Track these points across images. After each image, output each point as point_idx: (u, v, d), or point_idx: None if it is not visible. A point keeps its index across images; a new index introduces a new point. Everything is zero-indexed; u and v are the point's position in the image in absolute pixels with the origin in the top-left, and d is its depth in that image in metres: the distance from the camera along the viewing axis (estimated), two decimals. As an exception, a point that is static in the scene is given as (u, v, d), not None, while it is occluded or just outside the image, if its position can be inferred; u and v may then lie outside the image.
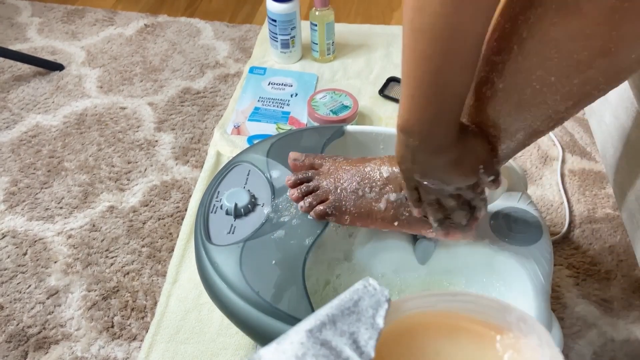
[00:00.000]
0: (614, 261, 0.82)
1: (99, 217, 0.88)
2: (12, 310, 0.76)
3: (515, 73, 0.44)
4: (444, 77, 0.44)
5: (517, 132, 0.50)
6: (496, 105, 0.48)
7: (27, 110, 1.08)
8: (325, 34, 1.15)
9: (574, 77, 0.43)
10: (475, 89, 0.50)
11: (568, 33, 0.40)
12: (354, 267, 0.69)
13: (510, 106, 0.48)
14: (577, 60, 0.41)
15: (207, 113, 1.07)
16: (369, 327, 0.35)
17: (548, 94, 0.45)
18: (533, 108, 0.47)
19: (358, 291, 0.37)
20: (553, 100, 0.45)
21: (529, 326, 0.38)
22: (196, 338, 0.73)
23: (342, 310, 0.35)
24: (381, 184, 0.61)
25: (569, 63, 0.41)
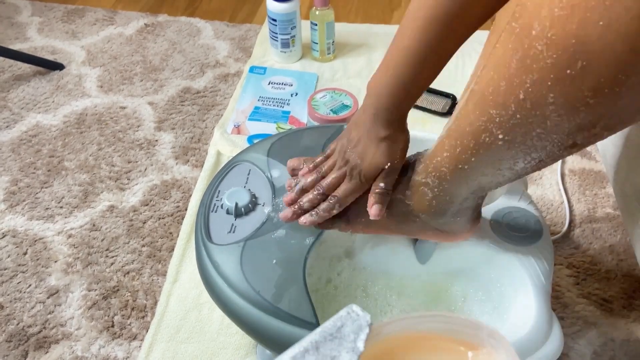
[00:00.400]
0: (614, 261, 0.82)
1: (99, 217, 0.88)
2: (13, 310, 0.76)
3: (514, 127, 0.43)
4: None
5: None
6: (492, 152, 0.47)
7: (27, 110, 1.08)
8: (326, 33, 1.15)
9: (576, 135, 0.42)
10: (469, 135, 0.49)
11: (568, 102, 0.39)
12: (355, 265, 0.69)
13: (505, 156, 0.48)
14: (578, 124, 0.40)
15: (207, 112, 1.07)
16: (350, 350, 0.36)
17: (547, 147, 0.44)
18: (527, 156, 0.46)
19: (342, 318, 0.39)
20: (547, 152, 0.44)
21: (497, 341, 0.40)
22: (196, 337, 0.73)
23: (325, 336, 0.38)
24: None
25: (570, 125, 0.40)
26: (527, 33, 0.38)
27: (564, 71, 0.36)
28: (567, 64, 0.36)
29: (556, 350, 0.56)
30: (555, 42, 0.36)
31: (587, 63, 0.35)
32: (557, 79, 0.37)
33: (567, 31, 0.35)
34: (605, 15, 0.33)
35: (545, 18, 0.36)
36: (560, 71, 0.37)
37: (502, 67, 0.41)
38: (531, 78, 0.39)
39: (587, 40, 0.35)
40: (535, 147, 0.43)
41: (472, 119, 0.46)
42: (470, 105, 0.46)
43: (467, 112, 0.47)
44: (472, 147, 0.47)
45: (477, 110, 0.45)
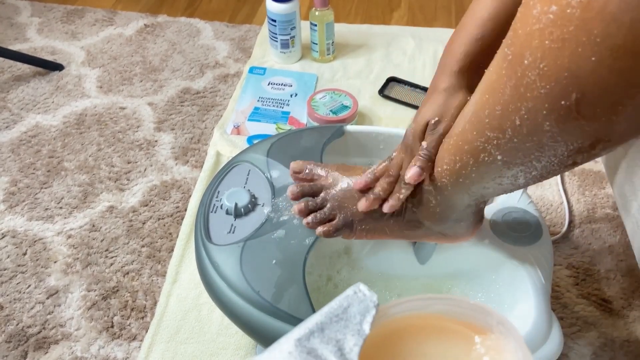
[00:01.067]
0: (614, 261, 0.82)
1: (98, 217, 0.88)
2: (12, 310, 0.76)
3: (512, 150, 0.43)
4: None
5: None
6: (492, 170, 0.47)
7: (27, 110, 1.08)
8: (325, 34, 1.15)
9: (575, 157, 0.41)
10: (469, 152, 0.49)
11: (564, 131, 0.38)
12: (355, 264, 0.69)
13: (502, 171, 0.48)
14: (577, 148, 0.40)
15: (206, 113, 1.07)
16: (355, 333, 0.35)
17: (546, 166, 0.43)
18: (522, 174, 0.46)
19: (348, 297, 0.38)
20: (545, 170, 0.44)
21: (507, 329, 0.39)
22: (196, 338, 0.73)
23: (331, 317, 0.36)
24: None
25: (568, 148, 0.40)
26: (520, 61, 0.37)
27: (558, 102, 0.36)
28: (561, 95, 0.35)
29: (556, 351, 0.56)
30: (548, 74, 0.35)
31: (582, 95, 0.35)
32: (552, 108, 0.37)
33: (559, 64, 0.35)
34: (596, 50, 0.33)
35: (536, 49, 0.36)
36: (554, 101, 0.36)
37: (497, 92, 0.41)
38: (526, 106, 0.38)
39: (580, 74, 0.34)
40: (535, 166, 0.43)
41: (470, 139, 0.46)
42: (467, 125, 0.46)
43: (464, 131, 0.47)
44: (471, 164, 0.47)
45: (474, 130, 0.45)
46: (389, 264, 0.68)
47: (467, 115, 0.46)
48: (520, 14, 0.38)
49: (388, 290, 0.68)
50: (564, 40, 0.34)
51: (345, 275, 0.68)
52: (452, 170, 0.50)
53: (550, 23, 0.34)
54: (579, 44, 0.33)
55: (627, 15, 0.31)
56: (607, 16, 0.32)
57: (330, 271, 0.68)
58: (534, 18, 0.35)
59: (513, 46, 0.38)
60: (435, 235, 0.59)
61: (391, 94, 1.12)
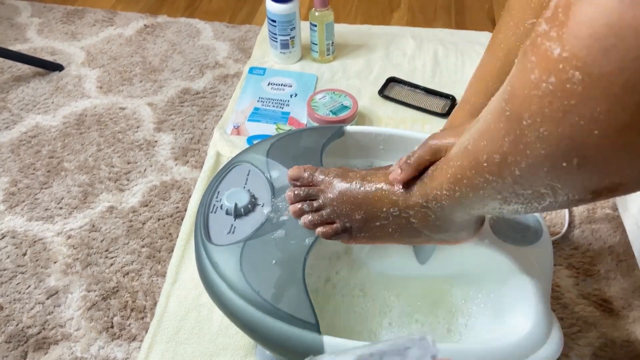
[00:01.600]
0: (614, 261, 0.82)
1: (98, 218, 0.88)
2: (12, 311, 0.76)
3: (512, 194, 0.42)
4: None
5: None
6: (492, 204, 0.46)
7: (27, 111, 1.08)
8: (325, 34, 1.15)
9: (578, 203, 0.41)
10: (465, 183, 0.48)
11: (566, 186, 0.38)
12: (354, 264, 0.69)
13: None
14: (578, 200, 0.39)
15: (206, 113, 1.07)
16: None
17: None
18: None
19: (413, 340, 0.42)
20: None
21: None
22: (196, 338, 0.73)
23: (392, 350, 0.41)
24: (383, 210, 0.58)
25: (570, 199, 0.39)
26: (518, 120, 0.36)
27: (560, 163, 0.35)
28: (562, 158, 0.35)
29: (556, 351, 0.56)
30: (548, 139, 0.34)
31: (584, 160, 0.34)
32: (553, 167, 0.36)
33: (560, 132, 0.33)
34: (600, 126, 0.32)
35: (535, 113, 0.34)
36: (555, 162, 0.35)
37: (495, 142, 0.40)
38: (526, 161, 0.37)
39: (582, 144, 0.33)
40: (536, 207, 0.42)
41: (469, 176, 0.45)
42: (466, 162, 0.45)
43: (463, 167, 0.46)
44: (471, 197, 0.46)
45: (472, 170, 0.44)
46: (388, 264, 0.68)
47: (465, 152, 0.45)
48: (517, 71, 0.36)
49: (387, 289, 0.68)
50: (564, 111, 0.33)
51: (344, 275, 0.68)
52: (451, 196, 0.49)
53: (549, 93, 0.33)
54: (581, 117, 0.32)
55: (632, 97, 0.30)
56: (612, 97, 0.31)
57: (330, 272, 0.68)
58: (532, 83, 0.34)
59: (511, 103, 0.37)
60: (436, 241, 0.60)
61: (391, 94, 1.12)
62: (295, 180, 0.63)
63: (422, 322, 0.65)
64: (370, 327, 0.65)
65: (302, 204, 0.61)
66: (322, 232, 0.59)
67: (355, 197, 0.59)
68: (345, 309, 0.66)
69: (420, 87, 1.12)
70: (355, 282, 0.68)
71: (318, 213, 0.60)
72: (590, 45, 0.31)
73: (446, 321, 0.65)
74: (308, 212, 0.60)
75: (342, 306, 0.66)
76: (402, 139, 0.73)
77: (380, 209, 0.57)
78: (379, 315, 0.66)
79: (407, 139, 0.73)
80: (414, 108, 1.09)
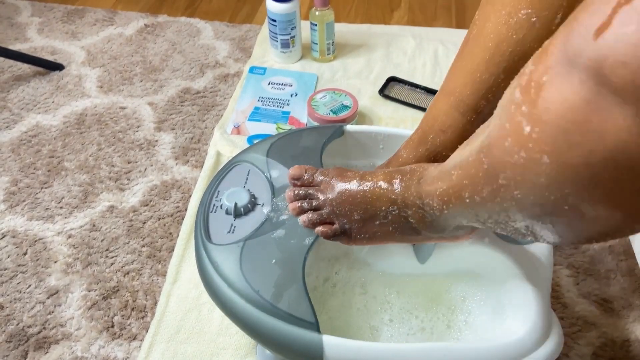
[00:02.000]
0: (614, 261, 0.82)
1: (99, 217, 0.88)
2: (12, 310, 0.76)
3: (489, 220, 0.43)
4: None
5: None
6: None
7: (27, 110, 1.08)
8: (325, 33, 1.15)
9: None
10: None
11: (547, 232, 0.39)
12: (354, 264, 0.69)
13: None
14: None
15: (207, 113, 1.07)
16: None
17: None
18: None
19: None
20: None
21: None
22: (196, 338, 0.73)
23: None
24: (382, 209, 0.58)
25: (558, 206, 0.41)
26: (495, 177, 0.37)
27: (534, 220, 0.36)
28: (536, 218, 0.36)
29: (556, 350, 0.56)
30: (522, 202, 0.36)
31: (557, 220, 0.35)
32: (529, 220, 0.37)
33: (532, 200, 0.35)
34: (569, 202, 0.33)
35: (509, 178, 0.35)
36: (530, 218, 0.37)
37: (475, 186, 0.41)
38: (504, 211, 0.38)
39: (553, 212, 0.34)
40: (524, 236, 0.43)
41: (454, 201, 0.46)
42: (450, 190, 0.46)
43: (448, 193, 0.47)
44: (457, 214, 0.48)
45: (457, 199, 0.45)
46: (388, 263, 0.68)
47: (451, 181, 0.46)
48: (496, 128, 0.37)
49: (387, 288, 0.68)
50: (534, 184, 0.33)
51: (344, 274, 0.68)
52: (440, 208, 0.50)
53: (521, 165, 0.34)
54: (551, 193, 0.33)
55: (600, 190, 0.31)
56: (580, 186, 0.31)
57: (330, 271, 0.68)
58: (506, 150, 0.35)
59: (488, 158, 0.38)
60: (435, 239, 0.60)
61: (391, 93, 1.12)
62: (295, 179, 0.63)
63: (422, 319, 0.65)
64: (372, 323, 0.65)
65: (301, 202, 0.61)
66: (321, 232, 0.59)
67: (355, 197, 0.59)
68: (345, 307, 0.66)
69: (420, 87, 1.12)
70: (356, 280, 0.68)
71: (317, 212, 0.60)
72: (558, 136, 0.31)
73: (446, 317, 0.65)
74: (307, 210, 0.60)
75: (343, 304, 0.66)
76: (402, 139, 0.72)
77: (379, 208, 0.57)
78: (380, 311, 0.66)
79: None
80: (414, 107, 1.09)
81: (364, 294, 0.67)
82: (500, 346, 0.55)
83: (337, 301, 0.66)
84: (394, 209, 0.57)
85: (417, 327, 0.65)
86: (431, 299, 0.67)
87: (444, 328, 0.64)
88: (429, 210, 0.53)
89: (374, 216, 0.58)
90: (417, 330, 0.64)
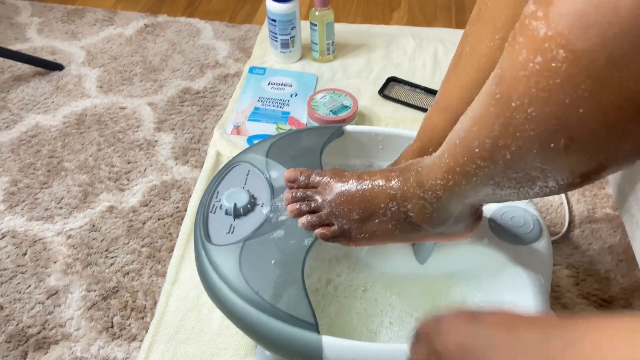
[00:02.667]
0: (614, 261, 0.82)
1: (98, 217, 0.88)
2: (12, 311, 0.76)
3: (504, 179, 0.43)
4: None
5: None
6: (485, 190, 0.47)
7: (27, 110, 1.08)
8: (325, 34, 1.15)
9: (569, 187, 0.42)
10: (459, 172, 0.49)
11: (555, 168, 0.39)
12: (354, 265, 0.69)
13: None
14: (569, 184, 0.40)
15: (206, 113, 1.07)
16: None
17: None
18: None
19: None
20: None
21: None
22: (196, 338, 0.73)
23: None
24: (380, 207, 0.58)
25: (561, 182, 0.40)
26: (507, 103, 0.37)
27: (548, 144, 0.36)
28: (550, 139, 0.35)
29: (555, 351, 0.56)
30: (536, 119, 0.35)
31: (571, 141, 0.35)
32: (542, 149, 0.37)
33: (547, 112, 0.34)
34: (584, 104, 0.32)
35: (523, 95, 0.35)
36: (543, 144, 0.36)
37: (486, 126, 0.40)
38: (516, 143, 0.38)
39: (568, 124, 0.34)
40: (528, 192, 0.43)
41: (461, 163, 0.45)
42: (458, 149, 0.46)
43: (455, 155, 0.46)
44: (464, 184, 0.47)
45: (465, 156, 0.45)
46: (388, 264, 0.68)
47: (458, 139, 0.46)
48: (507, 54, 0.37)
49: (388, 289, 0.68)
50: (550, 90, 0.34)
51: (345, 278, 0.68)
52: (445, 185, 0.50)
53: (536, 72, 0.34)
54: (567, 95, 0.33)
55: (615, 74, 0.31)
56: (595, 74, 0.31)
57: (330, 275, 0.68)
58: (520, 64, 0.35)
59: (500, 86, 0.38)
60: (435, 236, 0.59)
61: (391, 94, 1.12)
62: (291, 182, 0.63)
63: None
64: (370, 327, 0.65)
65: (299, 204, 0.61)
66: (320, 234, 0.59)
67: (353, 197, 0.59)
68: (346, 309, 0.66)
69: (420, 87, 1.12)
70: (356, 282, 0.68)
71: (316, 214, 0.60)
72: (573, 23, 0.32)
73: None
74: (306, 212, 0.60)
75: (343, 306, 0.66)
76: (402, 139, 0.73)
77: (378, 205, 0.57)
78: (380, 314, 0.66)
79: (407, 139, 0.73)
80: (414, 108, 1.09)
81: (364, 297, 0.67)
82: (500, 347, 0.55)
83: (337, 305, 0.66)
84: (393, 204, 0.57)
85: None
86: (431, 301, 0.67)
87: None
88: (431, 197, 0.52)
89: (373, 214, 0.58)
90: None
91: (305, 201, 0.61)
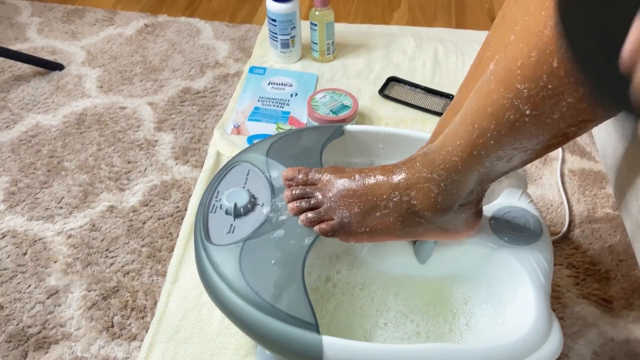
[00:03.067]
0: (614, 261, 0.82)
1: (98, 217, 0.88)
2: (12, 310, 0.76)
3: (544, 100, 0.44)
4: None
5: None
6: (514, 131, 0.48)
7: (27, 110, 1.08)
8: (325, 33, 1.15)
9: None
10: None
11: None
12: (354, 263, 0.69)
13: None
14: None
15: (207, 113, 1.07)
16: None
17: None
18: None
19: None
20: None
21: None
22: (196, 338, 0.73)
23: None
24: (383, 198, 0.58)
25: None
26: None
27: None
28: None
29: (556, 351, 0.56)
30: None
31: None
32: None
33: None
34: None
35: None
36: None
37: (534, 37, 0.41)
38: (566, 42, 0.38)
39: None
40: (557, 124, 0.44)
41: (495, 98, 0.45)
42: (492, 84, 0.46)
43: (487, 92, 0.46)
44: (492, 129, 0.47)
45: (501, 87, 0.45)
46: (388, 264, 0.68)
47: (491, 76, 0.46)
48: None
49: (386, 289, 0.68)
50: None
51: (344, 275, 0.68)
52: (466, 143, 0.50)
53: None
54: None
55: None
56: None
57: (330, 272, 0.68)
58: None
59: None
60: (436, 231, 0.59)
61: (391, 93, 1.12)
62: (289, 180, 0.63)
63: (417, 323, 0.65)
64: (365, 327, 0.65)
65: (299, 202, 0.61)
66: (320, 229, 0.59)
67: (355, 190, 0.59)
68: (345, 308, 0.66)
69: (420, 87, 1.12)
70: (356, 281, 0.68)
71: (316, 210, 0.60)
72: None
73: (447, 321, 0.65)
74: (306, 209, 0.60)
75: (342, 305, 0.66)
76: (402, 138, 0.73)
77: (380, 197, 0.58)
78: (376, 314, 0.66)
79: (407, 138, 0.73)
80: (414, 107, 1.09)
81: (362, 296, 0.67)
82: (501, 347, 0.55)
83: (335, 303, 0.66)
84: (396, 195, 0.57)
85: (412, 331, 0.64)
86: (429, 302, 0.67)
87: (446, 332, 0.64)
88: (439, 175, 0.53)
89: (374, 207, 0.58)
90: (412, 334, 0.64)
91: (305, 198, 0.61)
